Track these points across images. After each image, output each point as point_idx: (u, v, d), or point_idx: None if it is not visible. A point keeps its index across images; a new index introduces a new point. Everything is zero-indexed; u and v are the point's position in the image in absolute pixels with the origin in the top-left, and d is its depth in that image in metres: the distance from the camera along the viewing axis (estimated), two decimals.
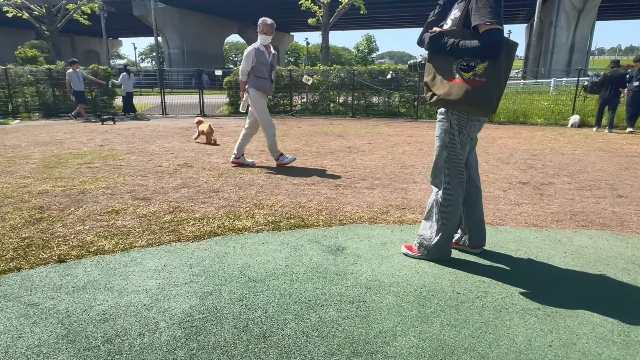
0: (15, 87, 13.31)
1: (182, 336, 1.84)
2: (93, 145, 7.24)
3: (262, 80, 5.17)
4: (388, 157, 6.19)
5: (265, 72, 5.16)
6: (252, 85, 5.16)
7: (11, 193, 4.13)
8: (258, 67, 5.11)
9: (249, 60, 5.09)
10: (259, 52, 5.11)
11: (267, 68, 5.18)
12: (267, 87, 5.23)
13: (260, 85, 5.16)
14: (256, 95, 5.19)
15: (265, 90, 5.22)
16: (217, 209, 3.62)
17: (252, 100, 5.20)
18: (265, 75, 5.17)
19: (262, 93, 5.20)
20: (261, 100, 5.22)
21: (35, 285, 2.30)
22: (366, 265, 2.55)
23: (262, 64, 5.13)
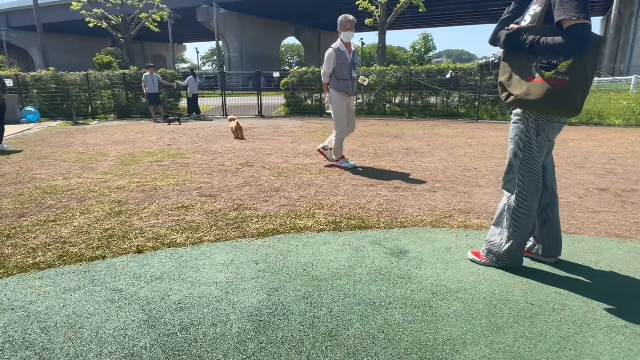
0: (94, 91, 14.57)
1: (252, 329, 1.91)
2: (162, 145, 7.73)
3: (343, 81, 5.13)
4: (448, 159, 6.00)
5: (346, 72, 5.10)
6: (333, 87, 5.16)
7: (94, 187, 4.52)
8: (339, 69, 5.07)
9: (330, 63, 5.08)
10: (340, 53, 5.06)
11: (348, 68, 5.11)
12: (349, 87, 5.18)
13: (340, 87, 5.14)
14: (336, 97, 5.19)
15: (346, 92, 5.18)
16: (278, 208, 3.72)
17: (332, 101, 5.22)
18: (346, 76, 5.11)
19: (342, 94, 5.19)
20: (341, 101, 5.21)
21: (118, 272, 2.50)
22: (430, 270, 2.49)
23: (343, 65, 5.08)
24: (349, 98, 5.32)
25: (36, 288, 2.32)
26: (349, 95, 5.27)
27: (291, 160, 5.95)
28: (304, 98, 14.79)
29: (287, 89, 14.60)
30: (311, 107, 14.59)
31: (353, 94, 5.33)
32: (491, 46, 2.39)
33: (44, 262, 2.66)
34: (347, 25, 4.98)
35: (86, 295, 2.23)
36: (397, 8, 17.89)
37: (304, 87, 14.51)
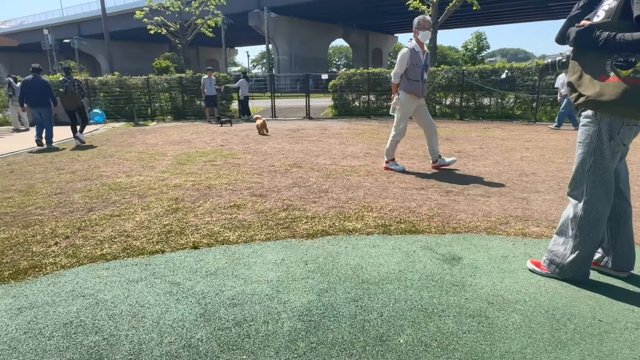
0: (154, 94, 15.45)
1: (303, 329, 1.93)
2: (215, 145, 8.04)
3: (415, 82, 5.02)
4: (503, 163, 5.73)
5: (418, 73, 5.00)
6: (404, 88, 5.06)
7: (153, 185, 4.79)
8: (412, 69, 4.97)
9: (404, 63, 4.98)
10: (414, 53, 4.97)
11: (421, 69, 5.02)
12: (420, 89, 5.07)
13: (412, 89, 5.04)
14: (407, 99, 5.09)
15: (417, 93, 5.08)
16: (327, 209, 3.73)
17: (401, 103, 5.12)
18: (418, 77, 5.01)
19: (413, 96, 5.08)
20: (410, 104, 5.12)
21: (176, 266, 2.63)
22: (486, 279, 2.39)
23: (416, 66, 4.98)
24: (419, 100, 5.19)
25: (104, 278, 2.49)
26: (419, 97, 5.15)
27: (339, 162, 5.96)
28: (351, 100, 14.77)
29: (335, 90, 14.65)
30: (359, 109, 14.54)
31: (423, 95, 5.23)
32: (558, 44, 2.25)
33: (110, 253, 2.85)
34: (426, 25, 4.89)
35: (147, 287, 2.37)
36: (450, 7, 17.36)
37: (351, 88, 14.48)
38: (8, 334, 1.94)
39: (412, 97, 5.08)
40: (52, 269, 2.63)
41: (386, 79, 14.03)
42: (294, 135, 9.48)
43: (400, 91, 5.10)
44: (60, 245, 3.03)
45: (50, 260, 2.75)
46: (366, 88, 14.15)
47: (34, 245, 3.02)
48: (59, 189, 4.75)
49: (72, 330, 1.95)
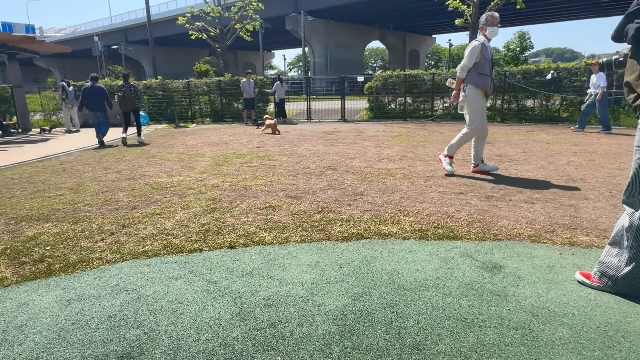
0: (194, 97, 15.96)
1: (337, 332, 1.91)
2: (251, 147, 8.18)
3: (485, 77, 4.87)
4: (549, 168, 5.46)
5: (487, 68, 4.87)
6: (473, 82, 4.89)
7: (192, 185, 4.93)
8: (482, 63, 4.84)
9: (474, 56, 4.82)
10: (484, 48, 4.84)
11: (490, 64, 4.91)
12: (488, 85, 4.93)
13: (481, 83, 4.88)
14: (476, 93, 4.92)
15: (486, 88, 4.93)
16: (362, 212, 3.70)
17: (469, 99, 4.94)
18: (487, 72, 4.88)
19: (482, 91, 4.92)
20: (480, 98, 4.95)
21: (213, 265, 2.68)
22: (530, 289, 2.27)
23: (486, 60, 4.86)
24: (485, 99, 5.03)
25: (145, 274, 2.58)
26: (487, 94, 5.01)
27: (375, 165, 5.90)
28: (387, 102, 14.61)
29: (371, 93, 14.54)
30: (395, 111, 14.35)
31: (491, 93, 5.10)
32: (613, 43, 2.11)
33: (151, 250, 2.95)
34: (494, 21, 4.81)
35: (186, 284, 2.43)
36: (492, 6, 16.81)
37: (388, 91, 14.33)
38: (58, 324, 2.05)
39: (481, 92, 4.92)
40: (98, 264, 2.75)
41: (423, 81, 13.77)
42: (329, 137, 9.49)
43: (468, 85, 4.90)
44: (106, 241, 3.17)
45: (96, 255, 2.89)
46: (403, 90, 13.95)
47: (82, 241, 3.18)
48: (105, 187, 5.00)
49: (115, 324, 2.03)
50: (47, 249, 3.03)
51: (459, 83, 5.00)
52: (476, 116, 4.97)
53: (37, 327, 2.03)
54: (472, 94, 4.91)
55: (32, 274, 2.63)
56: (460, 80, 4.97)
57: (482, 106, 5.00)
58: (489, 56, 4.89)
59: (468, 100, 4.95)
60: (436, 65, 68.95)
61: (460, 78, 4.97)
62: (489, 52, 4.90)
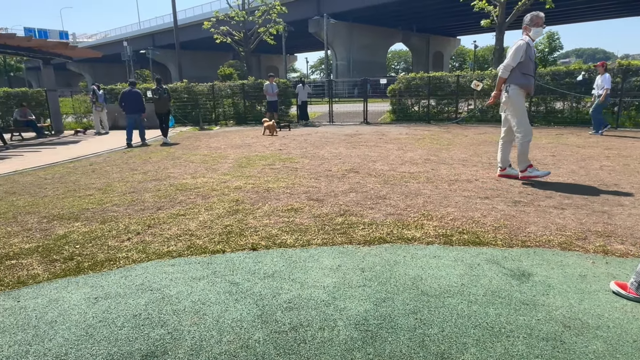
0: (218, 100, 16.22)
1: (359, 338, 1.89)
2: (273, 149, 8.24)
3: (529, 77, 4.70)
4: (579, 173, 5.26)
5: (532, 68, 4.71)
6: (516, 82, 4.70)
7: (216, 187, 5.00)
8: (526, 63, 4.67)
9: (518, 55, 4.63)
10: (529, 48, 4.67)
11: (534, 65, 4.76)
12: (532, 85, 4.76)
13: (525, 83, 4.70)
14: (519, 94, 4.73)
15: (529, 89, 4.76)
16: (385, 216, 3.65)
17: (512, 99, 4.75)
18: (531, 72, 4.71)
19: (525, 92, 4.77)
20: (522, 98, 4.78)
21: (235, 267, 2.70)
22: (561, 299, 2.18)
23: (531, 60, 4.70)
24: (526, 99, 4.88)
25: (169, 274, 2.62)
26: (530, 94, 4.86)
27: (397, 168, 5.83)
28: (410, 104, 14.45)
29: (394, 95, 14.41)
30: (418, 113, 14.18)
31: (533, 94, 4.90)
32: None
33: (175, 251, 3.00)
34: (539, 21, 4.65)
35: (209, 285, 2.45)
36: (519, 6, 16.41)
37: (411, 93, 14.17)
38: (86, 321, 2.10)
39: (523, 92, 4.75)
40: (125, 263, 2.82)
41: (448, 83, 13.55)
42: (351, 140, 9.46)
43: (511, 86, 4.71)
44: (132, 240, 3.24)
45: (123, 255, 2.96)
46: (426, 92, 13.77)
47: (109, 240, 3.27)
48: (132, 188, 5.12)
49: (140, 322, 2.07)
50: (76, 248, 3.12)
51: (501, 83, 4.83)
52: (522, 118, 4.80)
53: (66, 324, 2.08)
54: (516, 94, 4.72)
55: (62, 272, 2.71)
56: (502, 80, 4.79)
57: (524, 105, 4.85)
58: (533, 56, 4.72)
59: (512, 102, 4.75)
60: (461, 67, 67.86)
61: (502, 78, 4.78)
62: (533, 52, 4.73)
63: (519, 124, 4.79)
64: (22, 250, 3.12)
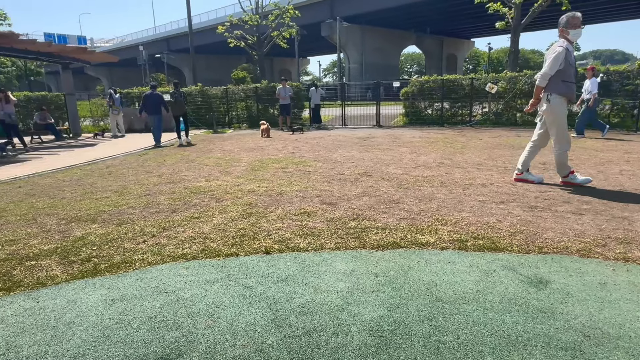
0: (231, 103, 16.37)
1: (373, 344, 1.87)
2: (286, 153, 8.27)
3: (570, 84, 4.55)
4: (598, 177, 5.15)
5: (572, 74, 4.55)
6: (556, 91, 4.53)
7: (230, 190, 5.03)
8: (566, 70, 4.49)
9: (557, 62, 4.46)
10: (569, 53, 4.48)
11: (574, 70, 4.60)
12: (573, 91, 4.64)
13: (566, 91, 4.54)
14: (560, 103, 4.57)
15: (571, 97, 4.62)
16: (398, 220, 3.63)
17: (553, 109, 4.58)
18: (572, 79, 4.55)
19: (566, 100, 4.63)
20: (563, 107, 4.62)
21: (249, 270, 2.71)
22: (580, 307, 2.13)
23: (571, 66, 4.51)
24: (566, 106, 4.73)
25: (184, 276, 2.65)
26: (571, 101, 4.72)
27: (411, 172, 5.79)
28: (424, 108, 14.37)
29: (407, 98, 14.35)
30: (431, 117, 14.09)
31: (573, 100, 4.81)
32: None
33: (190, 254, 3.03)
34: (577, 22, 4.48)
35: (223, 288, 2.47)
36: (535, 8, 16.21)
37: (424, 96, 14.09)
38: (102, 323, 2.13)
39: (564, 101, 4.59)
40: (140, 265, 2.85)
41: (461, 86, 13.44)
42: (364, 143, 9.44)
43: (552, 94, 4.55)
44: (148, 243, 3.28)
45: (138, 257, 3.00)
46: (440, 95, 13.68)
47: (125, 242, 3.32)
48: (147, 190, 5.19)
49: (155, 325, 2.09)
50: (93, 249, 3.18)
51: (539, 91, 4.67)
52: (562, 129, 4.64)
53: (83, 325, 2.12)
54: (558, 103, 4.55)
55: (80, 273, 2.76)
56: (540, 89, 4.64)
57: (565, 113, 4.66)
58: (573, 61, 4.54)
59: (553, 111, 4.58)
60: (475, 69, 67.21)
61: (540, 87, 4.63)
62: (572, 56, 4.54)
63: (558, 134, 4.65)
64: (42, 251, 3.19)
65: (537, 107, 4.85)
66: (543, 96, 4.65)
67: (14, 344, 1.97)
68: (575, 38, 4.53)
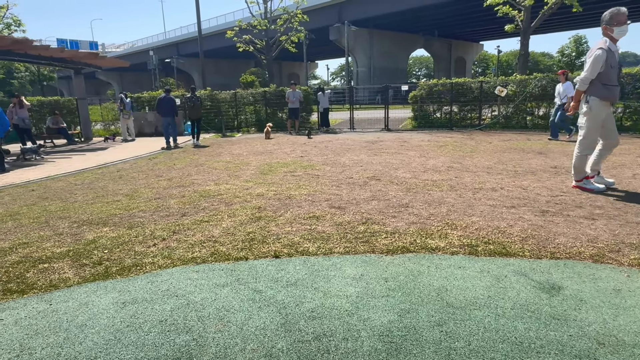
0: (240, 107, 16.47)
1: (383, 350, 1.86)
2: (295, 156, 8.28)
3: (611, 88, 4.35)
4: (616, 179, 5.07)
5: (614, 77, 4.34)
6: (597, 94, 4.36)
7: (239, 194, 5.06)
8: (607, 73, 4.28)
9: (598, 66, 4.26)
10: (610, 54, 4.26)
11: (617, 71, 4.37)
12: (616, 95, 4.44)
13: (607, 95, 4.35)
14: (599, 107, 4.38)
15: (613, 100, 4.45)
16: (407, 225, 3.61)
17: (592, 112, 4.42)
18: (614, 82, 4.35)
19: (607, 104, 4.43)
20: (603, 112, 4.42)
21: (258, 274, 2.72)
22: (594, 314, 2.10)
23: (612, 68, 4.29)
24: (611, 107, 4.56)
25: (194, 280, 2.66)
26: (613, 103, 4.54)
27: (420, 176, 5.76)
28: (432, 111, 14.31)
29: (415, 102, 14.31)
30: (440, 120, 14.02)
31: (616, 101, 4.65)
32: None
33: (199, 257, 3.05)
34: (622, 18, 4.22)
35: (232, 292, 2.47)
36: (545, 10, 16.07)
37: (433, 99, 14.04)
38: (114, 326, 2.15)
39: (607, 104, 4.42)
40: (151, 269, 2.87)
41: (470, 89, 13.37)
42: (372, 147, 9.42)
43: (592, 97, 4.39)
44: (158, 246, 3.31)
45: (149, 260, 3.02)
46: (449, 99, 13.61)
47: (136, 245, 3.35)
48: (157, 194, 5.24)
49: (166, 328, 2.10)
50: (105, 252, 3.21)
51: (579, 95, 4.52)
52: (592, 132, 4.51)
53: (95, 328, 2.14)
54: (597, 106, 4.39)
55: (92, 276, 2.79)
56: (580, 93, 4.50)
57: (600, 121, 4.47)
58: (615, 63, 4.32)
59: (590, 114, 4.44)
60: (484, 72, 66.85)
61: (580, 91, 4.48)
62: (615, 57, 4.32)
63: (586, 136, 4.54)
64: (54, 254, 3.23)
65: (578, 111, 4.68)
66: (583, 98, 4.50)
67: (27, 346, 2.00)
68: (620, 36, 4.28)
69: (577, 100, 4.60)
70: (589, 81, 4.36)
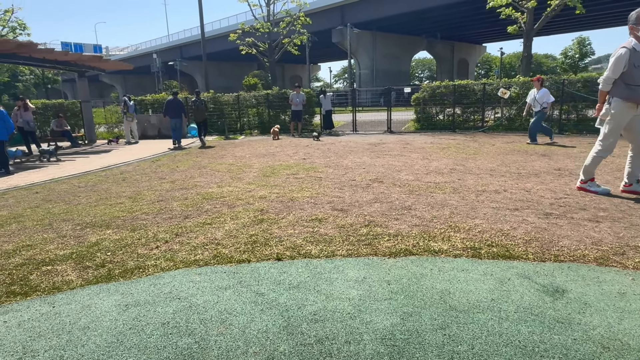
0: (243, 110, 16.51)
1: (385, 353, 1.85)
2: (297, 159, 8.29)
3: (635, 88, 4.21)
4: (615, 184, 5.04)
5: (639, 77, 4.19)
6: (620, 95, 4.27)
7: (241, 196, 5.06)
8: (631, 72, 4.16)
9: (620, 66, 4.17)
10: (635, 53, 4.13)
11: None
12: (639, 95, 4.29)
13: (631, 95, 4.24)
14: (622, 108, 4.30)
15: (637, 101, 4.27)
16: (410, 227, 3.60)
17: (615, 112, 4.34)
18: (638, 82, 4.20)
19: (631, 105, 4.29)
20: (626, 114, 4.32)
21: (261, 277, 2.71)
22: (599, 318, 2.08)
23: (636, 68, 4.15)
24: (638, 109, 4.33)
25: (196, 282, 2.66)
26: (638, 105, 4.33)
27: (422, 178, 5.75)
28: (435, 113, 14.29)
29: (418, 104, 14.30)
30: (443, 122, 14.00)
31: None
32: None
33: (202, 260, 3.05)
34: None
35: (235, 294, 2.47)
36: (548, 12, 16.05)
37: (435, 101, 14.02)
38: (116, 328, 2.15)
39: (630, 106, 4.29)
40: (153, 271, 2.88)
41: (473, 91, 13.35)
42: (375, 149, 9.41)
43: (614, 98, 4.31)
44: (161, 249, 3.31)
45: (152, 263, 3.02)
46: (451, 101, 13.60)
47: (139, 248, 3.35)
48: (160, 196, 5.25)
49: (168, 331, 2.10)
50: (108, 255, 3.22)
51: (603, 96, 4.44)
52: (613, 134, 4.43)
53: (98, 330, 2.14)
54: (620, 107, 4.30)
55: (95, 278, 2.79)
56: (604, 94, 4.42)
57: (622, 124, 4.39)
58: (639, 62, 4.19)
59: (613, 115, 4.36)
60: (486, 74, 66.78)
61: (603, 91, 4.42)
62: None
63: (606, 137, 4.48)
64: (57, 256, 3.24)
65: None
66: (607, 99, 4.43)
67: (30, 349, 2.00)
68: None
69: (601, 101, 4.50)
70: (611, 81, 4.29)
